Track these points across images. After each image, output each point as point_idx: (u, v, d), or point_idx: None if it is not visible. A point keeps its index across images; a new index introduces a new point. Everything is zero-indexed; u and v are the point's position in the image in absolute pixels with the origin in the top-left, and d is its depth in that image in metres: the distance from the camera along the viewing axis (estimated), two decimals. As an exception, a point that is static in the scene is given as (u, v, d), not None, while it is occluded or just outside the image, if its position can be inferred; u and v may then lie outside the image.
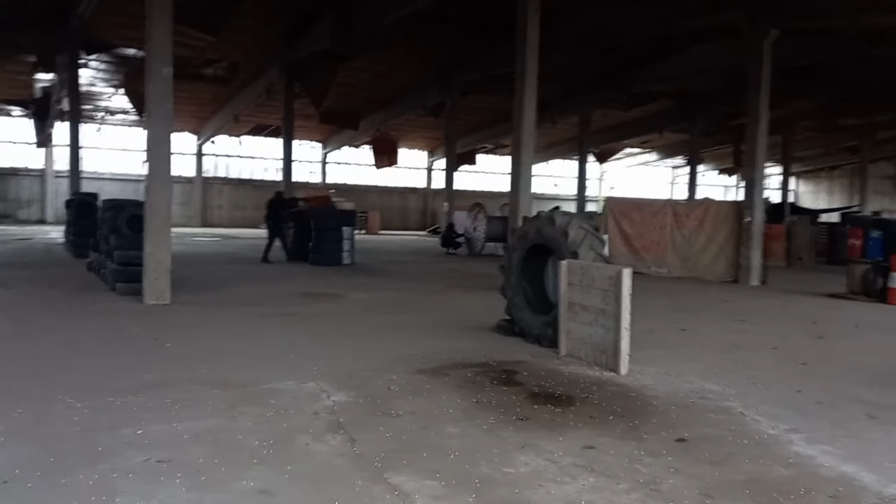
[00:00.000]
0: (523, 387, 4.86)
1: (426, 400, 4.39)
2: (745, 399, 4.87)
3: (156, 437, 3.62)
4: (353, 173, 36.31)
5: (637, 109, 29.41)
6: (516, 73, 11.00)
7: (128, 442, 3.55)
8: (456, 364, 5.45)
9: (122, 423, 3.81)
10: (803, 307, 10.35)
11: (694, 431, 4.06)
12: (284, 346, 5.96)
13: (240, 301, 8.53)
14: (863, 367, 6.16)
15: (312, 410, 4.10)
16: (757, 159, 13.50)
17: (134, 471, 3.19)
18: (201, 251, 16.65)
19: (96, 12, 16.72)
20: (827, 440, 4.01)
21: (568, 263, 6.06)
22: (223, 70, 21.71)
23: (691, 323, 8.36)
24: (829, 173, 45.03)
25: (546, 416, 4.19)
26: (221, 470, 3.23)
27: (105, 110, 26.60)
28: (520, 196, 11.00)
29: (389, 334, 6.71)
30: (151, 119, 8.27)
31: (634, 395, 4.85)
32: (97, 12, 16.72)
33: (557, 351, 6.08)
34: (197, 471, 3.21)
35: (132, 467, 3.23)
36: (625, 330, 5.45)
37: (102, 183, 28.47)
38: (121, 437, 3.61)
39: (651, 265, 14.79)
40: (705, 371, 5.72)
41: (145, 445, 3.50)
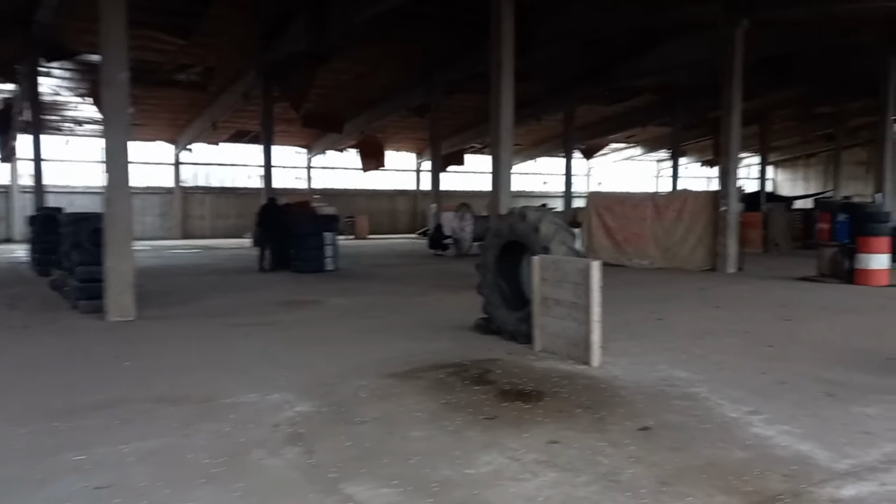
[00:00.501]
0: (494, 385, 4.95)
1: (394, 404, 4.44)
2: (711, 384, 5.01)
3: (99, 461, 3.49)
4: (340, 178, 36.27)
5: (620, 104, 29.69)
6: (491, 69, 11.11)
7: (71, 467, 3.41)
8: (429, 366, 5.53)
9: (66, 447, 3.67)
10: (776, 291, 10.55)
11: (658, 419, 4.18)
12: (254, 357, 5.92)
13: (213, 313, 8.45)
14: (826, 348, 6.32)
15: (272, 423, 4.06)
16: (731, 149, 13.72)
17: (72, 499, 3.07)
18: (178, 263, 16.54)
19: (58, 18, 16.36)
20: (786, 420, 4.15)
21: (540, 259, 6.17)
22: (197, 75, 21.55)
23: (667, 312, 8.51)
24: (806, 161, 45.66)
25: (514, 413, 4.28)
26: (165, 492, 3.12)
27: (73, 121, 26.25)
28: (500, 194, 11.11)
29: (366, 339, 6.77)
30: (108, 127, 8.06)
31: (604, 386, 4.97)
32: (59, 18, 16.37)
33: (532, 347, 6.19)
34: (139, 494, 3.09)
35: (71, 495, 3.10)
36: (595, 323, 5.57)
37: (74, 197, 28.24)
38: (63, 462, 3.48)
39: (633, 257, 14.99)
40: (676, 359, 5.86)
41: (87, 470, 3.37)
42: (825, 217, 11.76)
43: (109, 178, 7.97)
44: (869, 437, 3.84)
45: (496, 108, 11.02)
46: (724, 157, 13.97)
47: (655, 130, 35.42)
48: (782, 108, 31.04)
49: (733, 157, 13.74)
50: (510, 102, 11.05)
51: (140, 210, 30.19)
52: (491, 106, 11.16)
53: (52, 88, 22.63)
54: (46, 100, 23.91)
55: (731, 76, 13.43)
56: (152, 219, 30.38)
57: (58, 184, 28.18)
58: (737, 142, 13.75)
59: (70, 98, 23.68)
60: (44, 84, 22.07)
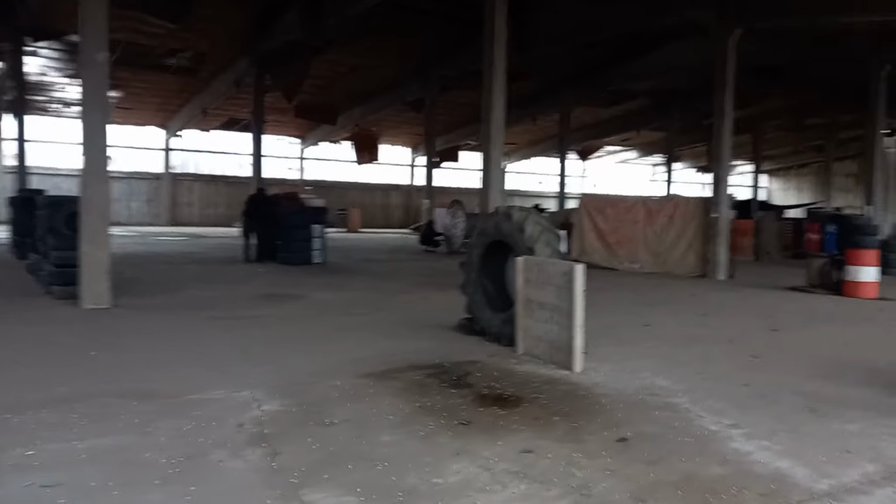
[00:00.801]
0: (472, 388, 4.83)
1: (366, 406, 4.31)
2: (692, 394, 4.91)
3: (49, 459, 3.31)
4: (334, 170, 36.04)
5: (616, 107, 29.66)
6: (483, 67, 10.98)
7: (16, 464, 3.23)
8: (407, 366, 5.40)
9: (16, 442, 3.47)
10: (764, 300, 10.50)
11: (636, 430, 4.08)
12: (228, 352, 5.77)
13: (192, 304, 8.28)
14: (811, 359, 6.25)
15: (237, 422, 3.91)
16: (722, 156, 13.66)
17: (12, 497, 2.90)
18: (162, 251, 16.32)
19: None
20: (766, 435, 4.06)
21: (524, 260, 6.06)
22: (188, 60, 21.27)
23: (655, 317, 8.43)
24: (798, 171, 45.93)
25: (489, 419, 4.16)
26: (114, 494, 2.95)
27: (60, 102, 25.87)
28: (490, 192, 10.99)
29: (345, 336, 6.64)
30: (87, 109, 7.82)
31: (584, 393, 4.87)
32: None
33: (515, 350, 6.08)
34: (85, 496, 2.92)
35: (11, 494, 2.93)
36: (578, 327, 5.47)
37: (60, 179, 27.82)
38: (9, 457, 3.30)
39: (624, 261, 14.93)
40: (659, 366, 5.76)
41: (33, 468, 3.19)
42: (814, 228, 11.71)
43: (86, 163, 7.76)
44: (849, 456, 3.75)
45: (487, 106, 10.89)
46: (715, 163, 13.91)
47: (651, 135, 35.43)
48: (775, 118, 31.14)
49: (724, 163, 13.69)
50: (502, 101, 10.92)
51: (127, 195, 29.94)
52: (483, 104, 11.04)
53: (39, 69, 22.28)
54: (32, 80, 23.57)
55: (724, 83, 13.37)
56: (139, 204, 30.07)
57: (44, 166, 27.79)
58: (728, 149, 13.70)
59: (57, 79, 23.31)
60: (30, 64, 21.77)
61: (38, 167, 27.55)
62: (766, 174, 48.76)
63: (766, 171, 47.69)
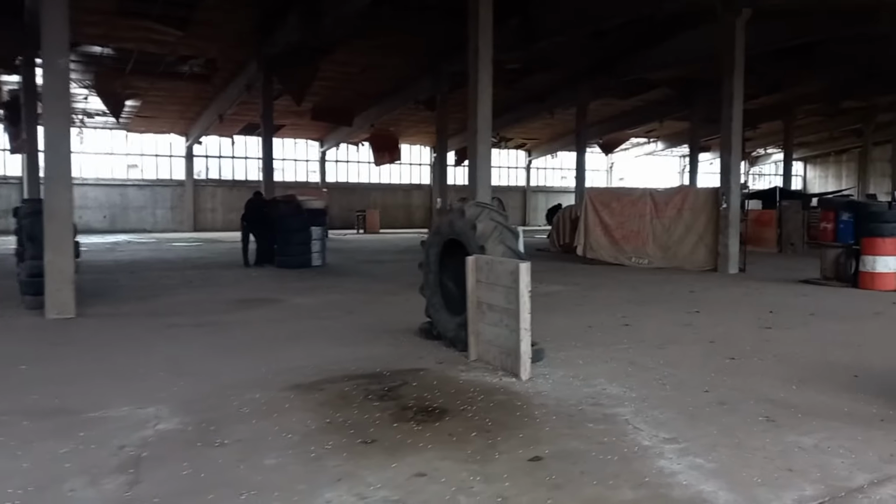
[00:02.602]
0: (399, 401, 4.51)
1: (271, 423, 4.02)
2: (641, 403, 4.50)
3: None
4: (355, 171, 36.06)
5: (636, 98, 28.78)
6: (469, 58, 10.63)
7: None
8: (343, 376, 5.11)
9: None
10: (770, 295, 9.88)
11: (558, 447, 3.70)
12: (164, 363, 5.54)
13: (161, 311, 8.16)
14: (794, 361, 5.73)
15: (120, 444, 3.67)
16: (732, 144, 12.98)
17: None
18: (168, 257, 16.37)
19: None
20: (704, 451, 3.64)
21: (475, 259, 5.71)
22: (200, 67, 21.44)
23: (641, 316, 7.96)
24: (837, 157, 43.99)
25: (399, 436, 3.83)
26: None
27: (83, 113, 26.45)
28: (478, 187, 10.63)
29: (298, 343, 6.39)
30: (47, 115, 7.73)
31: (521, 403, 4.50)
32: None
33: (468, 355, 5.74)
34: None
35: None
36: (524, 331, 5.09)
37: (87, 189, 28.65)
38: None
39: (632, 256, 14.36)
40: (620, 371, 5.35)
41: None
42: (828, 216, 10.97)
43: (48, 170, 7.69)
44: (789, 476, 3.31)
45: (474, 98, 10.55)
46: (724, 151, 13.22)
47: (675, 125, 34.32)
48: (807, 103, 29.73)
49: (735, 152, 13.01)
50: (488, 93, 10.56)
51: (152, 203, 30.53)
52: (469, 97, 10.70)
53: (57, 81, 22.75)
54: (54, 92, 24.18)
55: (732, 67, 12.68)
56: (164, 211, 30.59)
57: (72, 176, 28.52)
58: (738, 136, 13.01)
59: (77, 90, 23.77)
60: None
61: (65, 177, 28.47)
62: (801, 162, 46.93)
63: (801, 158, 45.90)
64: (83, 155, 28.76)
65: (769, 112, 30.52)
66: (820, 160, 46.31)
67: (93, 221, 28.55)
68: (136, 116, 27.36)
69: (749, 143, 37.97)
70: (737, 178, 13.04)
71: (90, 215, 28.70)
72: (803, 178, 47.70)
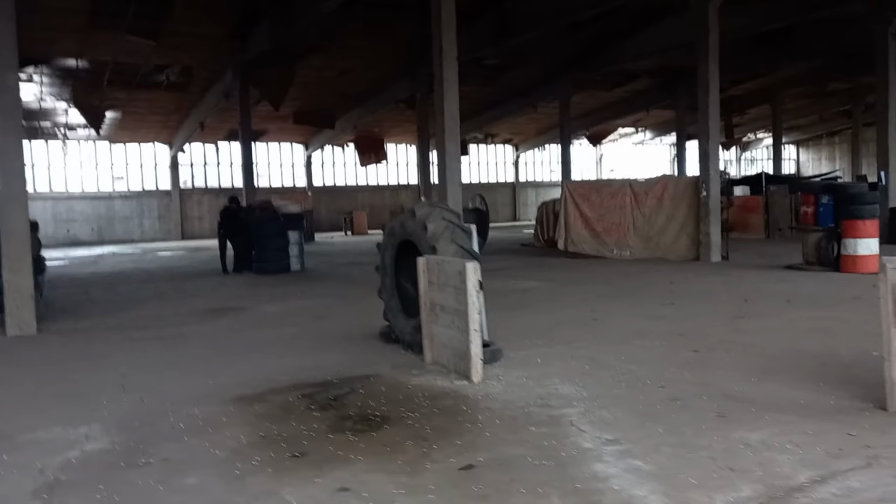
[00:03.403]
0: (341, 410, 4.35)
1: (203, 439, 3.86)
2: (591, 403, 4.34)
3: None
4: (340, 173, 35.86)
5: (620, 89, 28.61)
6: (433, 57, 10.46)
7: None
8: (291, 386, 4.95)
9: None
10: (749, 283, 9.73)
11: (494, 454, 3.54)
12: (113, 380, 5.36)
13: (125, 325, 7.98)
14: (761, 351, 5.58)
15: (41, 467, 3.51)
16: (710, 130, 12.81)
17: None
18: (149, 267, 16.11)
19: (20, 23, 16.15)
20: (645, 452, 3.48)
21: (426, 259, 5.55)
22: (177, 76, 21.25)
23: (612, 311, 7.81)
24: (830, 139, 43.76)
25: (332, 448, 3.67)
26: None
27: (65, 126, 26.24)
28: (447, 185, 10.47)
29: (255, 353, 6.21)
30: (0, 133, 7.48)
31: (466, 408, 4.34)
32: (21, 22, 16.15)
33: (424, 358, 5.59)
34: None
35: None
36: (474, 332, 4.93)
37: (73, 202, 28.44)
38: None
39: (614, 248, 14.19)
40: (577, 370, 5.19)
41: None
42: (808, 200, 10.81)
43: (3, 189, 7.47)
44: (728, 476, 3.15)
45: (440, 97, 10.38)
46: (702, 138, 13.06)
47: (662, 114, 34.12)
48: (794, 86, 29.58)
49: (713, 138, 12.84)
50: (454, 89, 10.40)
51: (139, 213, 30.32)
52: (435, 93, 10.53)
53: (35, 95, 22.58)
54: (34, 106, 23.98)
55: (707, 54, 12.51)
56: (151, 221, 30.38)
57: (57, 190, 28.40)
58: (716, 123, 12.85)
59: (56, 104, 23.61)
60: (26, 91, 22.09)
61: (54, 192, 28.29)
62: (794, 145, 46.76)
63: (794, 141, 45.74)
64: (68, 168, 28.58)
65: (756, 97, 30.38)
66: (813, 143, 46.10)
67: (81, 234, 28.41)
68: (119, 128, 27.15)
69: (739, 128, 37.83)
70: (716, 165, 12.87)
71: (78, 228, 28.55)
72: (797, 161, 47.52)
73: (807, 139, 45.61)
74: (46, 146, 27.81)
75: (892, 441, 3.53)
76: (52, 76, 20.88)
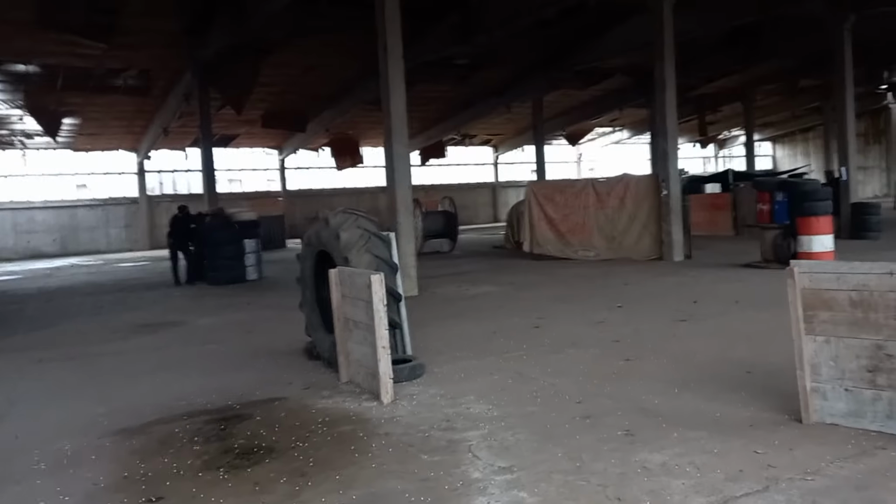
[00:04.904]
0: (226, 442, 4.01)
1: (57, 480, 3.52)
2: (499, 423, 4.04)
3: None
4: (317, 178, 35.38)
5: (594, 88, 28.42)
6: (379, 54, 10.13)
7: None
8: (184, 413, 4.59)
9: None
10: (704, 283, 9.51)
11: (372, 489, 3.23)
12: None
13: (41, 343, 7.59)
14: (690, 359, 5.32)
15: None
16: (668, 128, 12.60)
17: None
18: (100, 280, 15.49)
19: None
20: (535, 481, 3.19)
21: (338, 271, 5.23)
22: (135, 79, 20.68)
23: (558, 316, 7.53)
24: (804, 135, 43.94)
25: (195, 489, 3.34)
26: None
27: (22, 134, 25.51)
28: (396, 189, 10.13)
29: (163, 374, 5.85)
30: None
31: (363, 434, 4.02)
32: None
33: (340, 377, 5.25)
34: None
35: None
36: (382, 349, 4.61)
37: (34, 212, 27.69)
38: None
39: (578, 249, 13.92)
40: (497, 385, 4.89)
41: None
42: (764, 197, 10.66)
43: None
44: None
45: (386, 96, 10.05)
46: (661, 137, 12.85)
47: (638, 112, 34.00)
48: (765, 84, 29.61)
49: (671, 137, 12.63)
50: (401, 90, 10.07)
51: (104, 222, 29.60)
52: (381, 93, 10.20)
53: (-14, 101, 21.91)
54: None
55: (663, 53, 12.30)
56: (117, 230, 29.66)
57: (17, 199, 27.61)
58: (673, 121, 12.62)
59: (10, 111, 22.91)
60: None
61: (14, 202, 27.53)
62: (769, 142, 46.98)
63: (769, 138, 45.94)
64: (28, 177, 27.83)
65: (729, 95, 30.38)
66: (787, 139, 46.31)
67: (42, 245, 27.60)
68: (79, 134, 26.49)
69: (713, 126, 37.84)
70: (675, 164, 12.66)
71: (39, 239, 27.75)
72: (772, 157, 47.75)
73: (782, 135, 45.82)
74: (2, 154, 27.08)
75: (796, 459, 3.27)
76: (3, 81, 20.27)
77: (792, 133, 44.94)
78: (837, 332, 3.92)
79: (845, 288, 3.97)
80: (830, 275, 4.07)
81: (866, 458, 3.29)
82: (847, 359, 3.85)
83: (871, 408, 3.72)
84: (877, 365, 3.75)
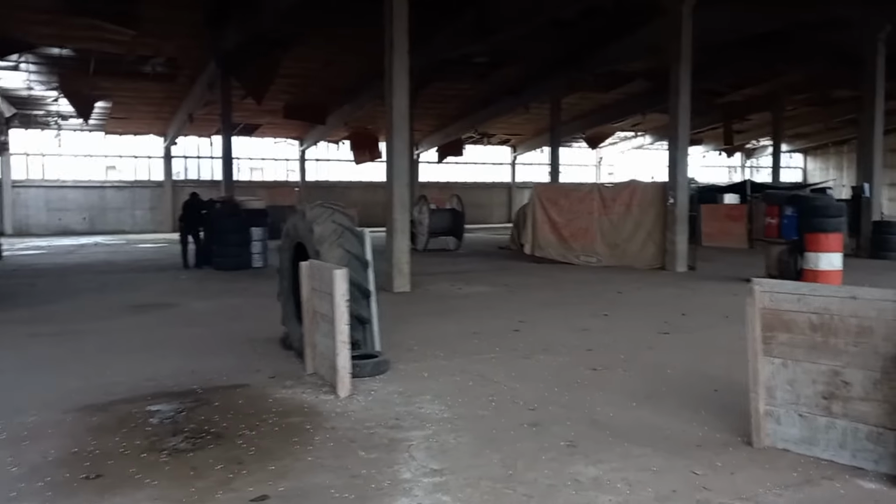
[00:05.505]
0: (178, 425, 4.09)
1: (10, 452, 3.62)
2: (446, 425, 4.06)
3: None
4: (336, 170, 35.67)
5: (616, 91, 28.10)
6: (385, 49, 10.17)
7: None
8: (149, 394, 4.70)
9: None
10: (700, 296, 9.38)
11: (301, 482, 3.28)
12: None
13: (38, 318, 7.79)
14: (659, 372, 5.26)
15: None
16: (679, 136, 12.41)
17: None
18: (117, 259, 15.94)
19: (1, 9, 15.86)
20: (462, 486, 3.20)
21: (308, 264, 5.29)
22: (162, 66, 21.08)
23: (541, 320, 7.50)
24: (838, 148, 42.83)
25: (133, 470, 3.41)
26: None
27: (57, 115, 26.19)
28: (395, 186, 10.17)
29: (142, 354, 5.98)
30: None
31: (310, 427, 4.07)
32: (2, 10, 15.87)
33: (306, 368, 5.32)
34: None
35: None
36: (342, 343, 4.66)
37: (66, 191, 28.50)
38: None
39: (580, 254, 13.82)
40: (457, 386, 4.90)
41: None
42: (772, 211, 10.44)
43: None
44: (526, 521, 2.86)
45: (389, 92, 10.09)
46: (671, 144, 12.67)
47: (661, 118, 33.49)
48: (797, 92, 28.91)
49: (682, 144, 12.43)
50: (405, 86, 10.10)
51: (131, 204, 30.34)
52: (385, 89, 10.24)
53: (23, 83, 22.53)
54: (23, 94, 23.97)
55: (679, 56, 12.11)
56: (143, 212, 30.37)
57: (49, 178, 28.42)
58: (686, 128, 12.42)
59: (45, 92, 23.54)
60: (14, 79, 22.07)
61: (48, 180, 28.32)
62: (801, 153, 45.96)
63: (801, 149, 44.95)
64: (62, 157, 28.62)
65: (758, 103, 29.77)
66: (820, 151, 45.22)
67: (72, 223, 28.47)
68: (110, 118, 27.11)
69: (742, 134, 37.17)
70: (684, 172, 12.47)
71: (69, 217, 28.61)
72: (803, 169, 46.71)
73: (814, 147, 44.77)
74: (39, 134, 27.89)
75: (735, 484, 3.22)
76: (38, 64, 20.82)
77: (825, 145, 43.86)
78: (795, 355, 3.84)
79: (806, 310, 3.88)
80: (791, 295, 3.99)
81: (809, 488, 3.23)
82: (803, 383, 3.77)
83: (824, 435, 3.64)
84: (833, 392, 3.67)
